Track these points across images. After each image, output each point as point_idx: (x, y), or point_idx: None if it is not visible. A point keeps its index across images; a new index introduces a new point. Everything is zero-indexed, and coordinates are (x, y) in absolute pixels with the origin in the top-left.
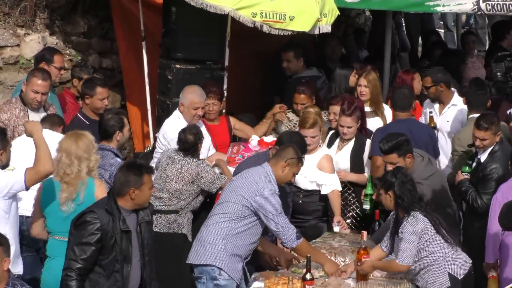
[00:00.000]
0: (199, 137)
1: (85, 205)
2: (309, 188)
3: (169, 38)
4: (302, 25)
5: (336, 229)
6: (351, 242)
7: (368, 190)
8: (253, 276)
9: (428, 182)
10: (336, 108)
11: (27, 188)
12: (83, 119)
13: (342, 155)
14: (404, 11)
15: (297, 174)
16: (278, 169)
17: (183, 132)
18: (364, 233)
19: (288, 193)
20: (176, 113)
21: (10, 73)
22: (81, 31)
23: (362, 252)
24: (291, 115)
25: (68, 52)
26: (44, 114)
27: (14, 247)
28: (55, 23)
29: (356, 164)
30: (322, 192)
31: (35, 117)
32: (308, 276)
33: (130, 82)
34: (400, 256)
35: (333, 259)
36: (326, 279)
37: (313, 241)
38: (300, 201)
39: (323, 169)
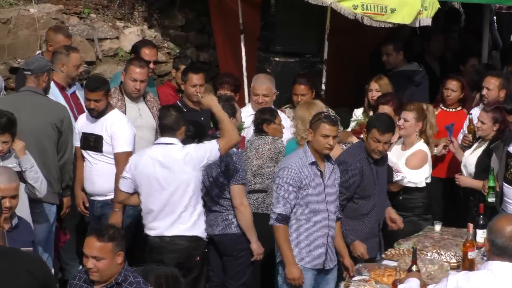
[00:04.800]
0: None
1: None
2: (408, 185)
3: (268, 31)
4: (403, 17)
5: (437, 228)
6: (454, 236)
7: (491, 183)
8: (356, 267)
9: None
10: (386, 109)
11: (220, 158)
12: (182, 106)
13: (472, 157)
14: (505, 4)
15: (329, 135)
16: (310, 141)
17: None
18: (470, 225)
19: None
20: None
21: (109, 65)
22: (178, 25)
23: (468, 244)
24: (288, 111)
25: (166, 45)
26: (143, 103)
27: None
28: (153, 16)
29: (481, 168)
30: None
31: (133, 106)
32: (414, 268)
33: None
34: None
35: (437, 252)
36: (432, 272)
37: (416, 234)
38: (401, 197)
39: (408, 164)
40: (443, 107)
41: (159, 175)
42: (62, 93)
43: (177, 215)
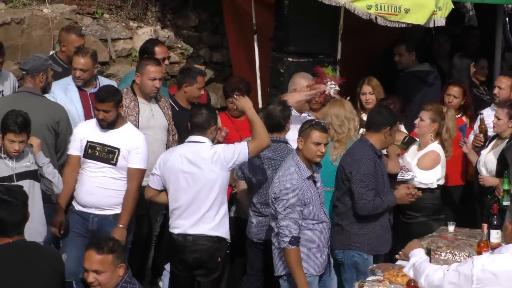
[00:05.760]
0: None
1: None
2: (419, 186)
3: (281, 31)
4: (417, 17)
5: (451, 228)
6: (468, 236)
7: (505, 186)
8: (370, 267)
9: None
10: None
11: (248, 159)
12: (174, 105)
13: (491, 155)
14: None
15: (320, 142)
16: (300, 149)
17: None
18: (485, 225)
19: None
20: None
21: (123, 65)
22: (192, 25)
23: (482, 245)
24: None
25: (179, 45)
26: (155, 104)
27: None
28: (166, 17)
29: (502, 165)
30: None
31: (146, 107)
32: None
33: (240, 76)
34: None
35: (451, 253)
36: None
37: (429, 234)
38: None
39: (419, 164)
40: None
41: (186, 173)
42: (81, 92)
43: (201, 214)
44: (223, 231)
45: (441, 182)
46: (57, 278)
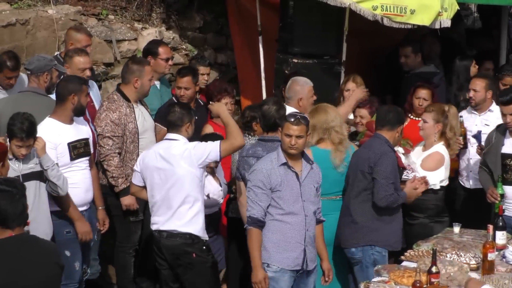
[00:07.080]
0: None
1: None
2: None
3: (286, 32)
4: (422, 19)
5: (456, 229)
6: (473, 238)
7: (500, 190)
8: (375, 268)
9: None
10: (363, 112)
11: (220, 159)
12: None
13: None
14: None
15: (291, 135)
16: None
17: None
18: (490, 227)
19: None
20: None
21: None
22: (197, 26)
23: (488, 246)
24: None
25: (184, 47)
26: (141, 106)
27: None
28: (171, 18)
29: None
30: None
31: (138, 111)
32: (434, 269)
33: (244, 77)
34: None
35: (457, 254)
36: (452, 274)
37: (435, 236)
38: None
39: (423, 165)
40: (412, 117)
41: (160, 169)
42: None
43: (173, 210)
44: (196, 229)
45: (445, 183)
46: (59, 270)
